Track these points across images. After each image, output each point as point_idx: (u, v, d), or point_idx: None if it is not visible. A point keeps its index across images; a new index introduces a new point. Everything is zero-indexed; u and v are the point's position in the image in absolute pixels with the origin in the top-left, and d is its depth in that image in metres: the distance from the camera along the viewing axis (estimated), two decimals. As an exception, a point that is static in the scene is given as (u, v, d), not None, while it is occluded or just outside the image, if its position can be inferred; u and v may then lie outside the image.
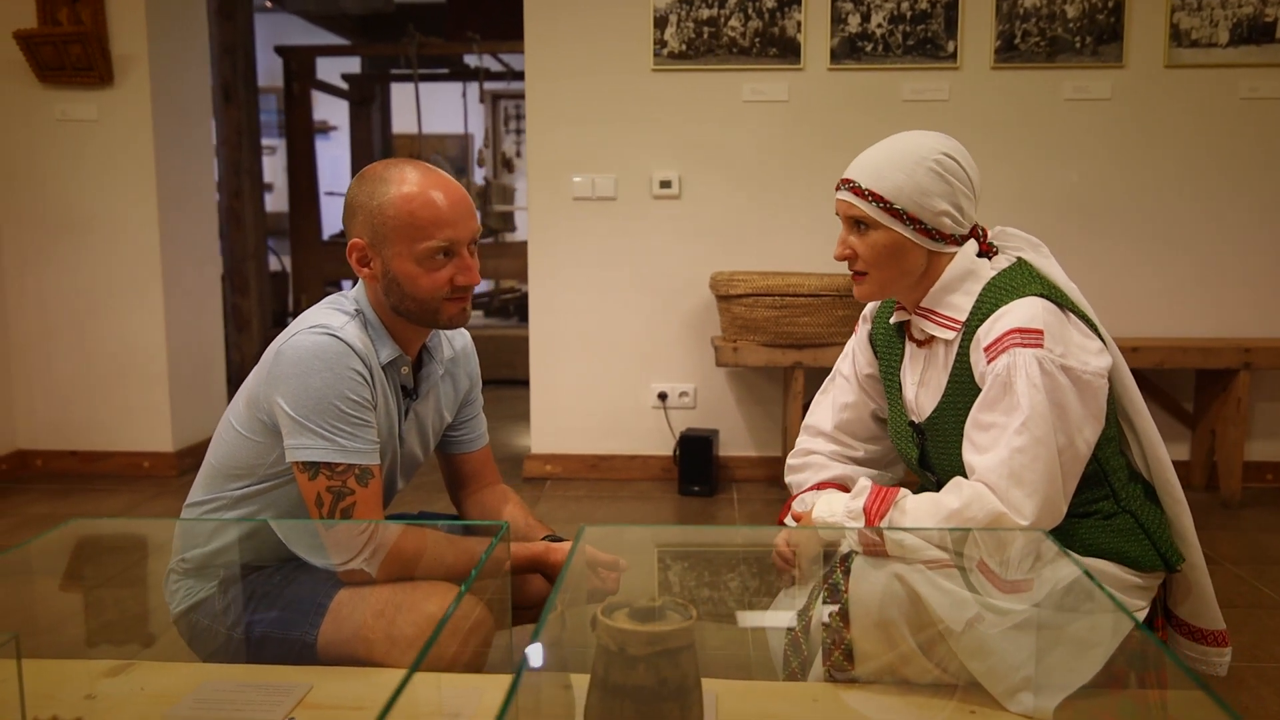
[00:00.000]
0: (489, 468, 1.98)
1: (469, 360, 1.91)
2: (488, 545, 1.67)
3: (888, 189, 1.50)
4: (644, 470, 3.95)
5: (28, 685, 1.34)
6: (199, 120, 4.23)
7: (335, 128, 9.98)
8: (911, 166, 1.50)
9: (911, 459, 1.64)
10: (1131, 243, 3.77)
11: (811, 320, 3.41)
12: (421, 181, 1.61)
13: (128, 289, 3.93)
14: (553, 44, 3.79)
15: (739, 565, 1.70)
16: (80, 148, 3.87)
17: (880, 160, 1.52)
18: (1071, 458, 1.44)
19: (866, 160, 1.54)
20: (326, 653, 1.59)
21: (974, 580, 1.41)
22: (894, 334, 1.69)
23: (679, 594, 1.21)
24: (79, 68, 3.75)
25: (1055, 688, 1.36)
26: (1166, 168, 3.73)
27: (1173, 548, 1.56)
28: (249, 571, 1.69)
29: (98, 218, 3.90)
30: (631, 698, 1.09)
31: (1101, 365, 1.45)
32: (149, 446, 4.01)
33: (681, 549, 1.86)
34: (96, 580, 1.65)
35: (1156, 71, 3.68)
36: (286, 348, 1.58)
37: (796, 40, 3.70)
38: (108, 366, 3.98)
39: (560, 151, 3.83)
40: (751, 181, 3.81)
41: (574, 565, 1.40)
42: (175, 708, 1.41)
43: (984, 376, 1.46)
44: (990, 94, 3.71)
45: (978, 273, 1.53)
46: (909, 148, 1.52)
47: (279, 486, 1.67)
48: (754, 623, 1.68)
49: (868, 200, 1.51)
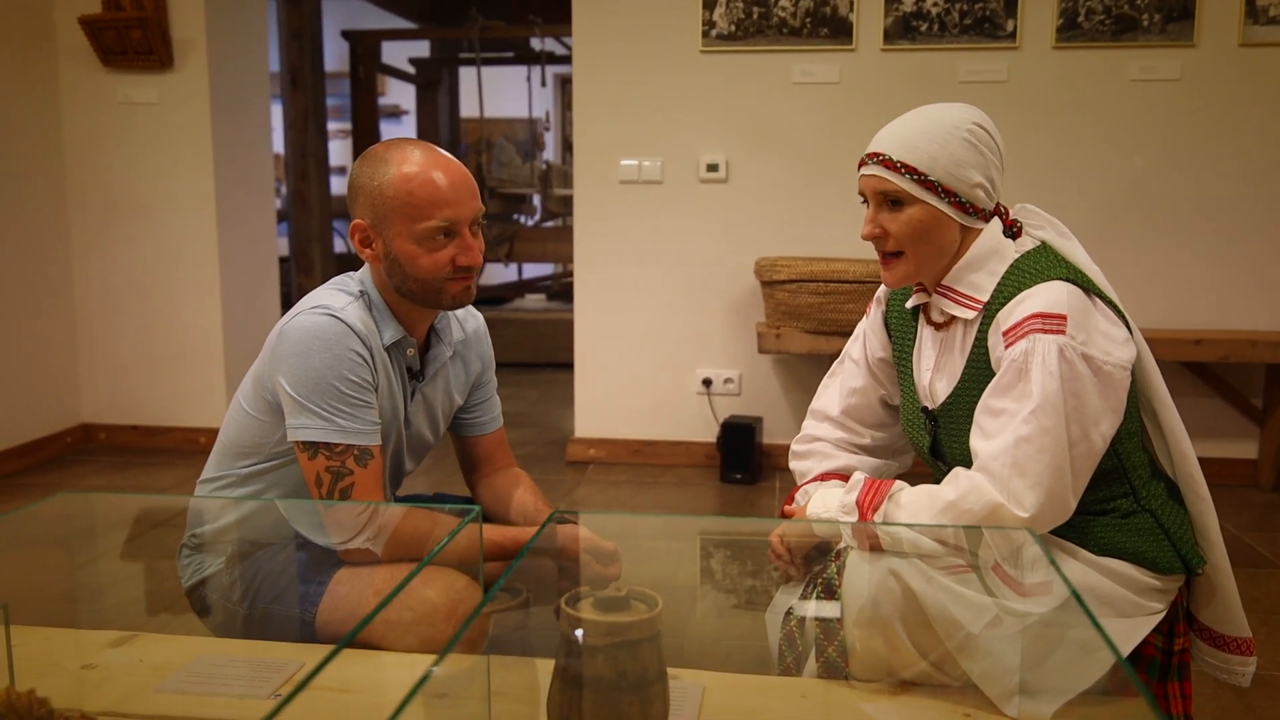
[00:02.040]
0: (502, 450, 1.97)
1: (480, 343, 1.90)
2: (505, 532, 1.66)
3: (921, 161, 1.42)
4: (687, 456, 3.92)
5: (25, 653, 1.38)
6: (257, 104, 4.31)
7: (406, 112, 10.09)
8: (944, 137, 1.43)
9: (923, 447, 1.58)
10: (1198, 232, 3.60)
11: (856, 308, 3.33)
12: (422, 161, 1.60)
13: (186, 269, 4.03)
14: (601, 26, 3.76)
15: (737, 556, 1.67)
16: (141, 130, 3.97)
17: (911, 132, 1.45)
18: (1085, 451, 1.37)
19: (895, 132, 1.47)
20: (324, 632, 1.60)
21: (984, 581, 1.36)
22: (909, 317, 1.63)
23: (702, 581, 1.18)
24: (140, 52, 3.84)
25: (1053, 693, 1.30)
26: (1239, 153, 3.55)
27: (1194, 550, 1.48)
28: (255, 548, 1.71)
29: (158, 199, 4.01)
30: (590, 688, 1.07)
31: (1125, 357, 1.38)
32: (205, 423, 4.11)
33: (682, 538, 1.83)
34: (103, 552, 1.69)
35: (1230, 50, 3.50)
36: (288, 328, 1.59)
37: (848, 20, 3.61)
38: (167, 344, 4.09)
39: (607, 134, 3.81)
40: (800, 165, 3.74)
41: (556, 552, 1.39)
42: (167, 680, 1.44)
43: (1000, 361, 1.39)
44: (1051, 75, 3.57)
45: (1002, 252, 1.46)
46: (940, 118, 1.45)
47: (284, 465, 1.68)
48: (752, 615, 1.64)
49: (900, 173, 1.43)
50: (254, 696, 1.38)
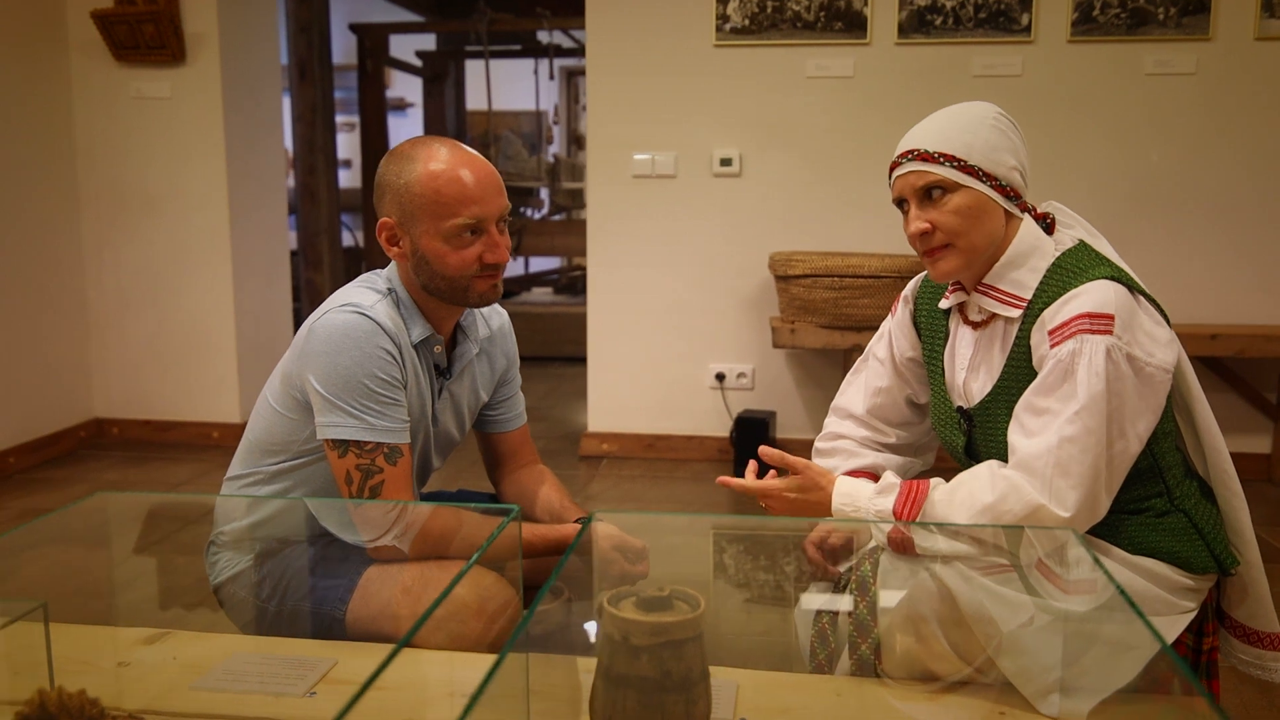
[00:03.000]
0: (526, 447, 1.98)
1: (506, 339, 1.90)
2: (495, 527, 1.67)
3: (959, 148, 1.43)
4: (700, 451, 3.92)
5: (62, 651, 1.38)
6: (269, 97, 4.30)
7: (412, 104, 10.07)
8: (975, 125, 1.44)
9: (957, 447, 1.58)
10: (1213, 226, 3.59)
11: (871, 302, 3.33)
12: (448, 159, 1.60)
13: (198, 263, 4.03)
14: (615, 19, 3.75)
15: (767, 553, 1.67)
16: (154, 125, 3.97)
17: (941, 125, 1.46)
18: (1121, 451, 1.37)
19: (924, 129, 1.47)
20: (354, 628, 1.60)
21: (1024, 579, 1.36)
22: (940, 316, 1.63)
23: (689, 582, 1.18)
24: (152, 46, 3.83)
25: (1089, 691, 1.30)
26: (1253, 147, 3.55)
27: (1227, 550, 1.48)
28: (283, 546, 1.72)
29: (170, 193, 4.00)
30: (635, 688, 1.07)
31: (1168, 358, 1.38)
32: (218, 417, 4.12)
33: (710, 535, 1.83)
34: (136, 550, 1.69)
35: (1245, 44, 3.49)
36: (318, 325, 1.59)
37: (863, 14, 3.60)
38: (179, 339, 4.09)
39: (620, 128, 3.80)
40: (814, 160, 3.73)
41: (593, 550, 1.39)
42: (203, 678, 1.44)
43: (1043, 360, 1.39)
44: (1066, 69, 3.56)
45: (1043, 249, 1.46)
46: (965, 110, 1.47)
47: (313, 463, 1.68)
48: (781, 613, 1.64)
49: (941, 163, 1.43)
50: (290, 694, 1.39)
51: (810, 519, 1.66)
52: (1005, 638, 1.33)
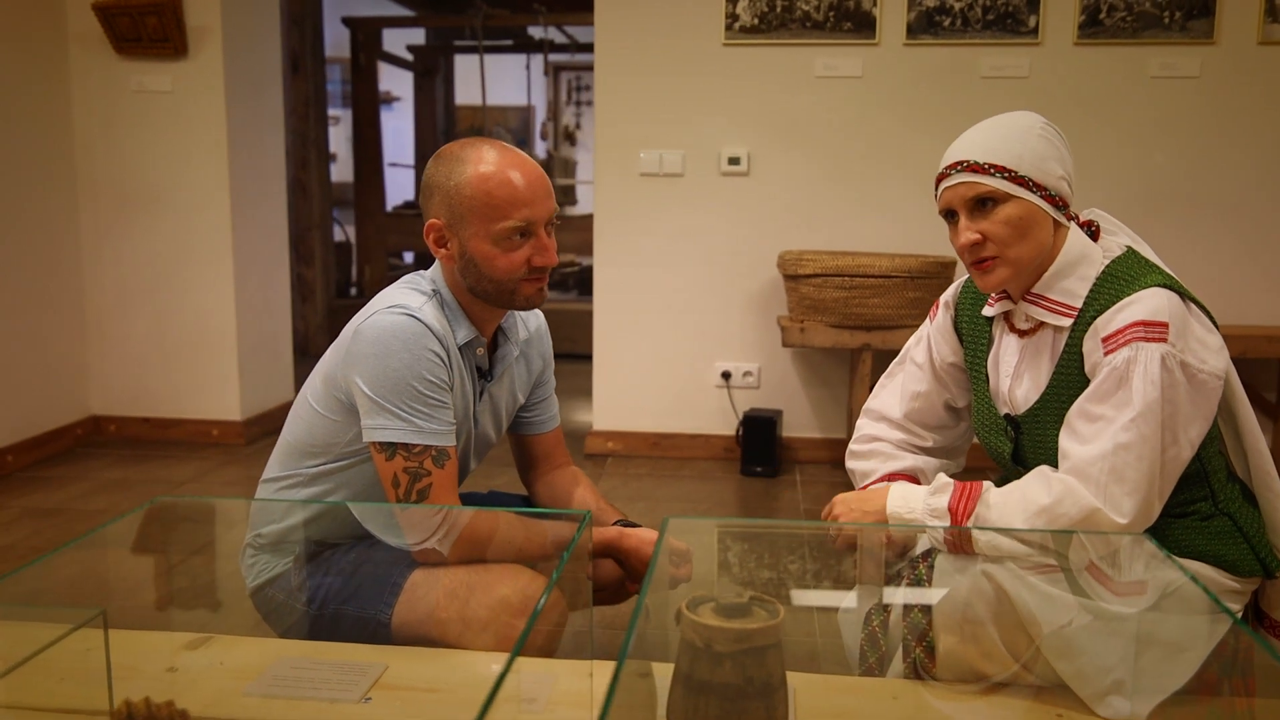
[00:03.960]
0: (560, 449, 1.97)
1: (542, 341, 1.90)
2: (570, 530, 1.67)
3: (1009, 159, 1.44)
4: (706, 449, 3.93)
5: (112, 657, 1.36)
6: (270, 91, 4.26)
7: (398, 98, 10.01)
8: (1022, 135, 1.45)
9: (1004, 453, 1.58)
10: (1216, 228, 3.63)
11: (881, 302, 3.34)
12: (499, 161, 1.59)
13: (200, 259, 3.99)
14: (623, 17, 3.74)
15: (810, 556, 1.67)
16: (155, 119, 3.92)
17: (988, 136, 1.46)
18: (1174, 457, 1.38)
19: (972, 140, 1.48)
20: (400, 632, 1.60)
21: (1078, 581, 1.37)
22: (982, 323, 1.64)
23: (759, 587, 1.19)
24: (155, 39, 3.79)
25: (1147, 693, 1.31)
26: (1257, 150, 3.59)
27: (1271, 553, 1.50)
28: (323, 548, 1.70)
29: (172, 188, 3.96)
30: (717, 695, 1.07)
31: (1219, 366, 1.39)
32: (218, 415, 4.08)
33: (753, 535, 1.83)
34: (176, 554, 1.67)
35: (1249, 49, 3.52)
36: (365, 327, 1.57)
37: (872, 14, 3.61)
38: (179, 335, 4.05)
39: (628, 127, 3.79)
40: (822, 159, 3.74)
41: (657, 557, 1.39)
42: (254, 683, 1.43)
43: (1096, 367, 1.40)
44: (1072, 71, 3.59)
45: (1091, 257, 1.48)
46: (1012, 121, 1.48)
47: (355, 465, 1.67)
48: (825, 615, 1.65)
49: (991, 174, 1.44)
50: (344, 700, 1.38)
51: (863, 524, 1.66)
52: (1060, 639, 1.34)
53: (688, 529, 1.62)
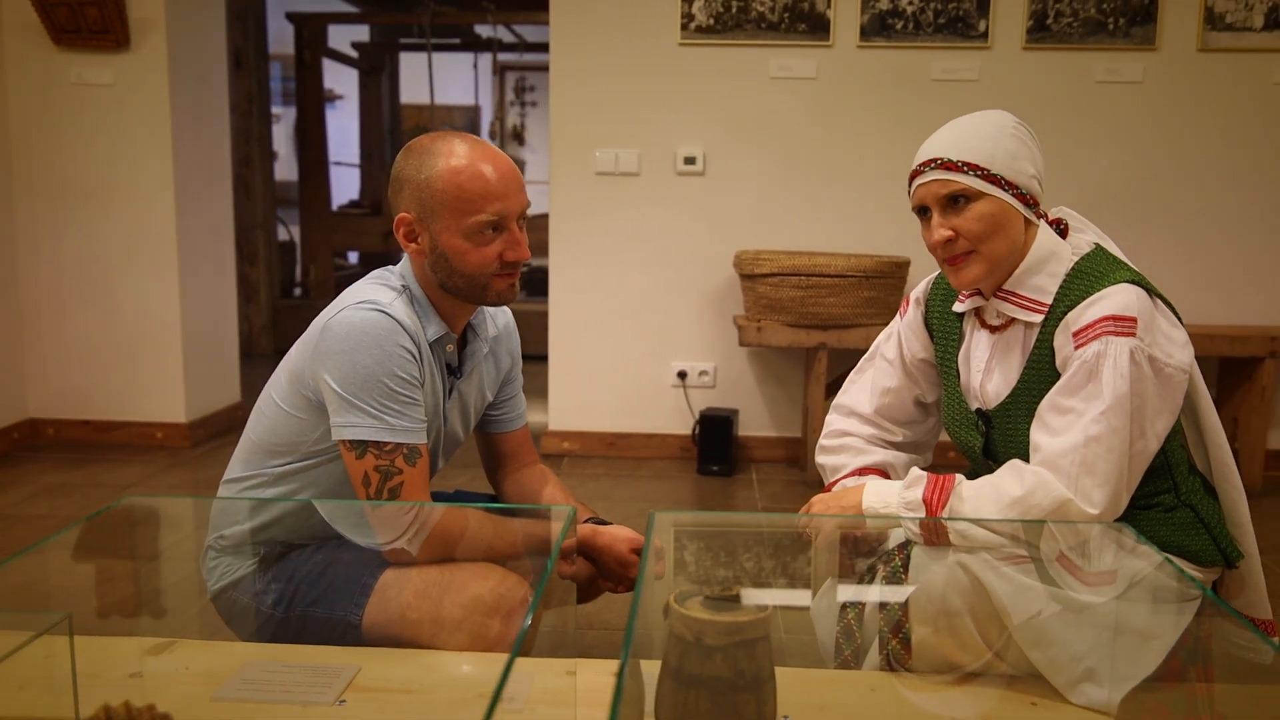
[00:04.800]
0: (528, 447, 1.95)
1: (511, 338, 1.88)
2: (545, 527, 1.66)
3: (981, 157, 1.46)
4: (662, 449, 3.93)
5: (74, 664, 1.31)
6: (215, 86, 4.17)
7: (341, 96, 9.87)
8: (995, 134, 1.47)
9: (974, 448, 1.61)
10: (1159, 229, 3.73)
11: (837, 301, 3.37)
12: (470, 154, 1.57)
13: (143, 257, 3.89)
14: (579, 16, 3.73)
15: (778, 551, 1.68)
16: (95, 113, 3.81)
17: (962, 134, 1.48)
18: (1141, 450, 1.41)
19: (945, 138, 1.50)
20: (371, 633, 1.57)
21: (1051, 572, 1.39)
22: (953, 319, 1.66)
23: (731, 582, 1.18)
24: (95, 30, 3.68)
25: (1118, 679, 1.34)
26: (1197, 154, 3.69)
27: (1231, 543, 1.54)
28: (289, 549, 1.67)
29: (113, 184, 3.85)
30: (708, 688, 1.07)
31: (1185, 360, 1.43)
32: (162, 417, 3.98)
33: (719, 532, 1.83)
34: (135, 557, 1.62)
35: (1189, 55, 3.63)
36: (334, 323, 1.54)
37: (826, 16, 3.64)
38: (122, 335, 3.94)
39: (584, 126, 3.78)
40: (777, 159, 3.76)
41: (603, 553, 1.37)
42: (223, 688, 1.39)
43: (1067, 361, 1.42)
44: (1021, 75, 3.66)
45: (1060, 254, 1.50)
46: (985, 120, 1.50)
47: (322, 464, 1.64)
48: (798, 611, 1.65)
49: (964, 171, 1.46)
50: (319, 703, 1.35)
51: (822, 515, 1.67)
52: (1033, 628, 1.36)
53: (671, 524, 1.61)
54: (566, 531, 1.22)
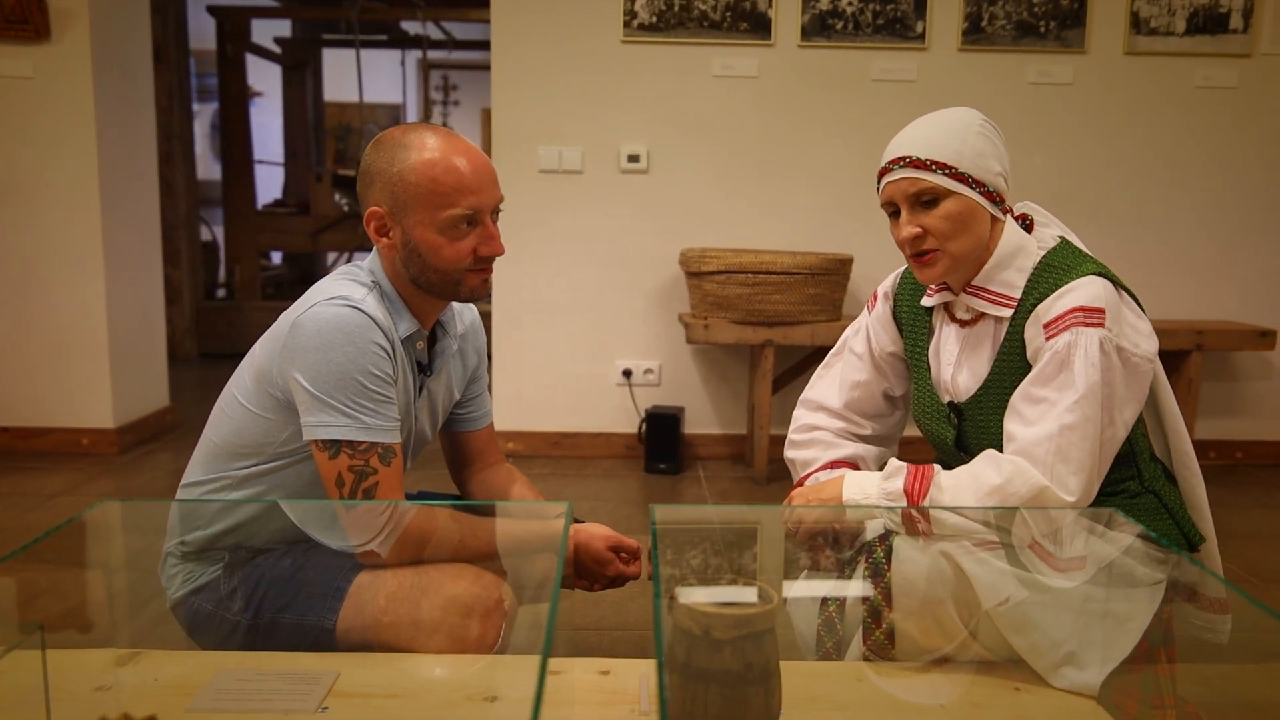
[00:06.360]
0: (493, 446, 1.93)
1: (477, 335, 1.85)
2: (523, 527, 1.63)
3: (949, 156, 1.48)
4: (608, 448, 3.91)
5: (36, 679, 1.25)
6: (141, 79, 4.03)
7: (261, 93, 9.62)
8: (962, 132, 1.49)
9: (946, 440, 1.63)
10: (1090, 226, 3.84)
11: (784, 298, 3.40)
12: (443, 147, 1.54)
13: (67, 256, 3.74)
14: (520, 12, 3.69)
15: (763, 544, 1.68)
16: (14, 106, 3.65)
17: (930, 133, 1.50)
18: (1110, 438, 1.45)
19: (913, 136, 1.51)
20: (346, 638, 1.52)
21: (1023, 558, 1.41)
22: (922, 313, 1.68)
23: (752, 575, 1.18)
24: (12, 20, 3.53)
25: (1099, 662, 1.37)
26: (1124, 153, 3.82)
27: (1193, 528, 1.59)
28: (256, 554, 1.61)
29: (34, 180, 3.69)
30: (717, 682, 1.06)
31: (1150, 349, 1.47)
32: (89, 423, 3.83)
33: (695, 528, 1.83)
34: (92, 566, 1.55)
35: (1116, 58, 3.75)
36: (304, 319, 1.50)
37: (767, 16, 3.67)
38: (44, 338, 3.78)
39: (526, 123, 3.75)
40: (721, 157, 3.78)
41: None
42: (197, 699, 1.34)
43: (1038, 353, 1.45)
44: (957, 75, 3.73)
45: (1027, 249, 1.53)
46: (952, 118, 1.52)
47: (290, 465, 1.59)
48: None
49: (933, 170, 1.48)
50: (300, 710, 1.31)
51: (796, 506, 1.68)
52: (1014, 614, 1.39)
53: (677, 516, 1.60)
54: (568, 527, 1.20)
